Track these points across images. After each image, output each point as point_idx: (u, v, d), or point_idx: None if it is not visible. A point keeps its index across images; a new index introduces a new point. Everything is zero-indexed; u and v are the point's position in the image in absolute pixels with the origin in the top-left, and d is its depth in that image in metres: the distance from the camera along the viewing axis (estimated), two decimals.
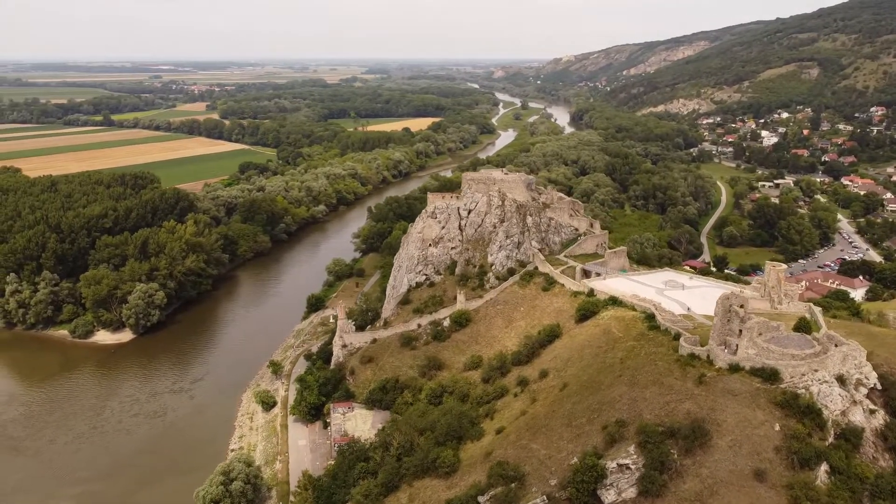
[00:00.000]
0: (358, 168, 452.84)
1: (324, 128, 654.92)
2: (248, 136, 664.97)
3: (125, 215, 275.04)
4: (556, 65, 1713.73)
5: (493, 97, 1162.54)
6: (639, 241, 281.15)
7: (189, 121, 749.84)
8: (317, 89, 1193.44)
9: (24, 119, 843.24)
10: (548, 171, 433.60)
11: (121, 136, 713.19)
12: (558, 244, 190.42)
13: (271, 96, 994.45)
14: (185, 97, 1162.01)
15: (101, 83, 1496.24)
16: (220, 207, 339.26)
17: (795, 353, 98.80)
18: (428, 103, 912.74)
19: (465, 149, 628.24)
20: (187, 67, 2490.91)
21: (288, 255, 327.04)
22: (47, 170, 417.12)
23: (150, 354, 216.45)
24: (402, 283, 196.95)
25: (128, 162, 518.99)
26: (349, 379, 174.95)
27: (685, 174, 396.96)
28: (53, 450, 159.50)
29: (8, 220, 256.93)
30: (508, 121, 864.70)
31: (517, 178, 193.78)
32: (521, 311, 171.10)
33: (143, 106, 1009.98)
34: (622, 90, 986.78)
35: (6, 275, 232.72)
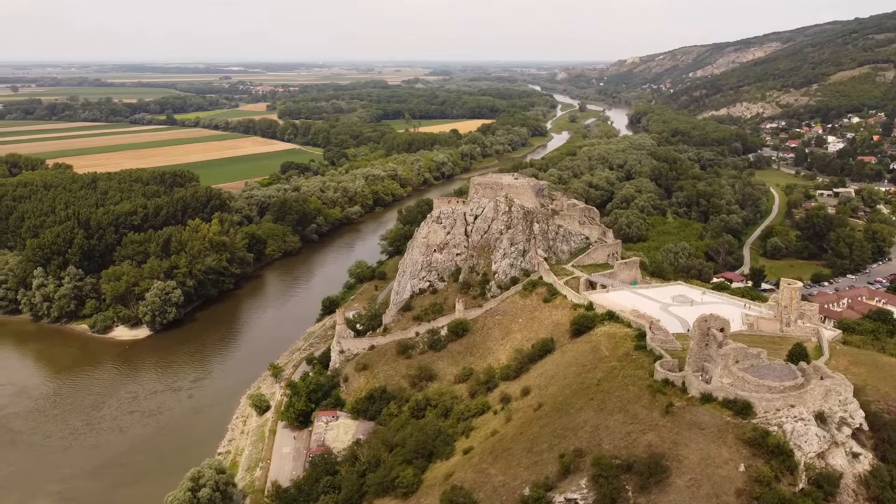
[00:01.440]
0: (398, 169, 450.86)
1: (373, 129, 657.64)
2: (300, 136, 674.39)
3: (154, 213, 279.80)
4: (619, 67, 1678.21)
5: (552, 99, 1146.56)
6: (673, 251, 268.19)
7: (245, 120, 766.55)
8: (376, 90, 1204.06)
9: (95, 117, 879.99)
10: (591, 174, 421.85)
11: (180, 134, 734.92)
12: (567, 253, 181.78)
13: (329, 97, 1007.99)
14: (249, 98, 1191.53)
15: (172, 84, 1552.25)
16: (252, 207, 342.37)
17: (772, 384, 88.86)
18: (483, 105, 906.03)
19: (513, 151, 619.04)
20: (257, 69, 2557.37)
21: (317, 255, 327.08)
22: (102, 166, 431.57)
23: (163, 352, 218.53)
24: (406, 289, 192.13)
25: (181, 160, 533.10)
26: (342, 386, 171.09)
27: (733, 181, 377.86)
28: (47, 445, 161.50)
29: (42, 215, 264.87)
30: (563, 123, 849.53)
31: (525, 184, 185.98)
32: (519, 323, 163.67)
33: (206, 106, 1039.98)
34: (684, 93, 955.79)
35: (34, 268, 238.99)
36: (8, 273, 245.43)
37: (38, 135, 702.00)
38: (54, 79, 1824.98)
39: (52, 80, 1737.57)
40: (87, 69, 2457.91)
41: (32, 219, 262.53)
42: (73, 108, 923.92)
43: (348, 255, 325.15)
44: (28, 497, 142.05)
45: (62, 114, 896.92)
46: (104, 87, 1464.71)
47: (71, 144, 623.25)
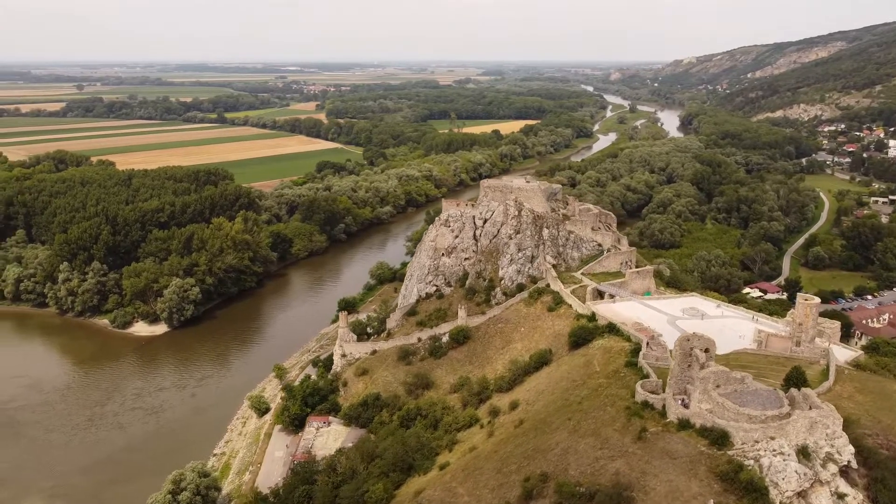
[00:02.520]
0: (434, 170, 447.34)
1: (414, 128, 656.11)
2: (343, 136, 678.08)
3: (181, 210, 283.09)
4: (675, 67, 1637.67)
5: (602, 100, 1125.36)
6: (705, 259, 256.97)
7: (292, 119, 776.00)
8: (425, 90, 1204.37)
9: (150, 115, 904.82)
10: (630, 177, 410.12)
11: (228, 133, 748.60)
12: (577, 260, 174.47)
13: (377, 97, 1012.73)
14: (301, 97, 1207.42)
15: (228, 83, 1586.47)
16: (282, 206, 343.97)
17: (752, 413, 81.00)
18: (529, 105, 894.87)
19: (555, 153, 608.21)
20: (313, 69, 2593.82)
21: (343, 255, 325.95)
22: (146, 163, 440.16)
23: (177, 349, 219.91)
24: (412, 293, 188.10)
25: (224, 158, 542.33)
26: (341, 390, 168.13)
27: (778, 186, 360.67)
28: (47, 440, 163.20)
29: (73, 211, 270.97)
30: (611, 124, 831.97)
31: (535, 187, 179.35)
32: (521, 332, 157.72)
33: (258, 105, 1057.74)
34: (739, 94, 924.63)
35: (61, 263, 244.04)
36: (37, 267, 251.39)
37: (92, 132, 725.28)
38: (118, 78, 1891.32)
39: (117, 80, 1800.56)
40: (150, 69, 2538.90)
41: (63, 214, 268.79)
42: (131, 106, 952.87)
43: (375, 255, 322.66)
44: (20, 493, 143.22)
45: (119, 112, 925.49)
46: (163, 87, 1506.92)
47: (122, 142, 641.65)
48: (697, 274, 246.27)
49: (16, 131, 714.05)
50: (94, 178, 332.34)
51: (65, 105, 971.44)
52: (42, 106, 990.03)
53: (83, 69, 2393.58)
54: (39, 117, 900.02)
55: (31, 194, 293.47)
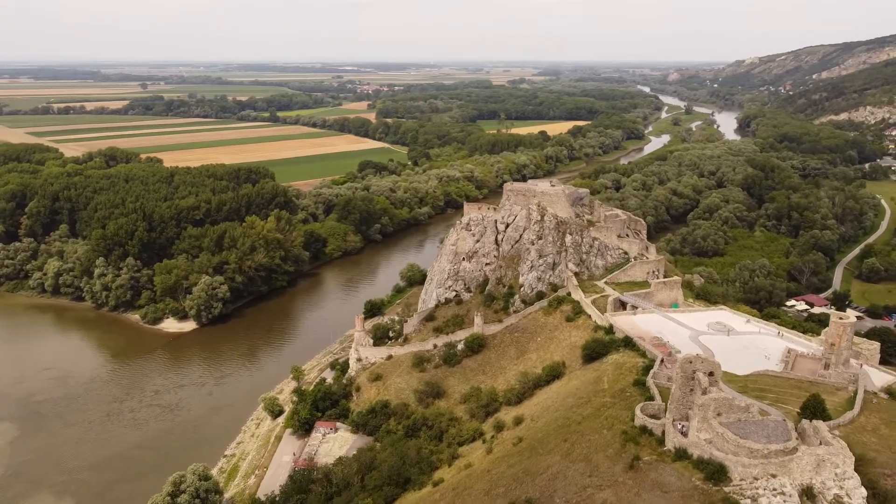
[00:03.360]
0: (476, 170, 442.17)
1: (461, 129, 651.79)
2: (390, 135, 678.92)
3: (217, 208, 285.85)
4: (737, 67, 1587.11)
5: (657, 101, 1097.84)
6: (749, 268, 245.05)
7: (341, 119, 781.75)
8: (477, 90, 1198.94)
9: (207, 114, 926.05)
10: (677, 181, 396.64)
11: (279, 131, 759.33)
12: (601, 268, 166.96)
13: (427, 97, 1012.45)
14: (353, 97, 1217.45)
15: (286, 82, 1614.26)
16: (319, 205, 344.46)
17: (754, 446, 73.60)
18: (581, 106, 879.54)
19: (604, 154, 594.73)
20: (369, 68, 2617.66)
21: (378, 256, 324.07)
22: (194, 161, 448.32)
23: (203, 346, 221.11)
24: (431, 298, 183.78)
25: (272, 156, 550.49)
26: (354, 396, 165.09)
27: (834, 192, 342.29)
28: (65, 435, 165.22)
29: (112, 207, 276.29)
30: (665, 126, 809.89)
31: (560, 192, 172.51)
32: (537, 342, 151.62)
33: (311, 104, 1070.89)
34: (802, 95, 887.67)
35: (97, 258, 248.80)
36: (75, 261, 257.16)
37: (149, 129, 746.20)
38: (181, 77, 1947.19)
39: (179, 79, 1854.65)
40: (213, 68, 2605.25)
41: (103, 210, 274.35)
42: (188, 104, 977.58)
43: (410, 256, 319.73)
44: (32, 488, 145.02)
45: (178, 110, 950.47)
46: (223, 85, 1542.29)
47: (174, 139, 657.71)
48: (739, 284, 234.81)
49: (77, 128, 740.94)
50: (139, 174, 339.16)
51: (127, 103, 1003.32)
52: (106, 104, 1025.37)
53: (150, 69, 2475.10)
54: (103, 115, 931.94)
55: (76, 190, 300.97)
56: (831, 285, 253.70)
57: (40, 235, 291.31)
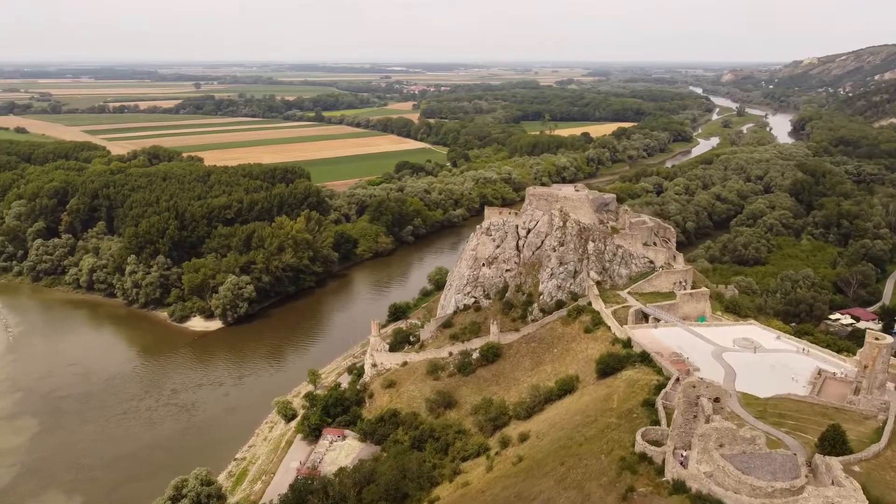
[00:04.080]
0: (514, 172, 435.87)
1: (502, 129, 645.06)
2: (432, 136, 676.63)
3: (249, 208, 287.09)
4: (793, 68, 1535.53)
5: (708, 102, 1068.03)
6: (792, 279, 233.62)
7: (384, 119, 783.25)
8: (523, 91, 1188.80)
9: (254, 113, 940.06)
10: (722, 185, 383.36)
11: (323, 131, 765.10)
12: (625, 277, 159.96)
13: (472, 97, 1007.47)
14: (399, 97, 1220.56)
15: (334, 82, 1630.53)
16: (351, 206, 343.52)
17: (757, 484, 67.07)
18: (628, 107, 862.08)
19: (648, 157, 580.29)
20: (418, 69, 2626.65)
21: (408, 258, 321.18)
22: (238, 160, 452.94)
23: (226, 346, 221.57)
24: (450, 304, 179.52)
25: (312, 156, 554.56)
26: (366, 402, 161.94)
27: (889, 200, 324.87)
28: (81, 432, 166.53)
29: (147, 205, 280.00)
30: (715, 128, 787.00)
31: (583, 197, 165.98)
32: (553, 354, 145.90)
33: (357, 104, 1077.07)
34: (861, 97, 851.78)
35: (129, 255, 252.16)
36: (109, 258, 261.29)
37: (196, 128, 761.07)
38: (234, 77, 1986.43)
39: (232, 79, 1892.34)
40: (265, 68, 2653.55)
41: (137, 208, 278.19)
42: (237, 104, 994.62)
43: (441, 259, 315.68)
44: (43, 485, 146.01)
45: (227, 109, 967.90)
46: (273, 85, 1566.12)
47: (219, 138, 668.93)
48: (780, 295, 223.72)
49: (129, 127, 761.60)
50: (178, 173, 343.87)
51: (179, 102, 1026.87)
52: (159, 103, 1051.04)
53: (205, 69, 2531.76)
54: (155, 114, 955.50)
55: (114, 188, 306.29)
56: (881, 298, 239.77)
57: (80, 232, 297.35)
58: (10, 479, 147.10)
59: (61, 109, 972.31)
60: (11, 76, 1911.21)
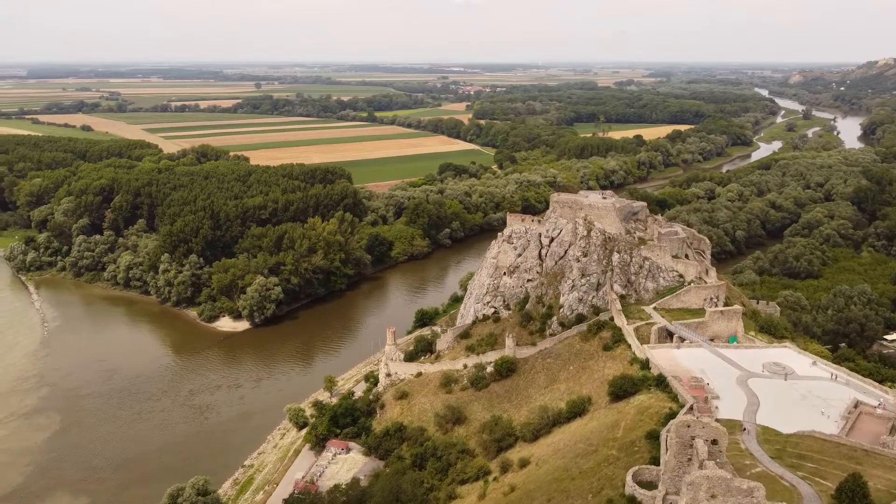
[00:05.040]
0: (559, 175, 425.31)
1: (552, 131, 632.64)
2: (482, 137, 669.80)
3: (284, 208, 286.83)
4: (868, 69, 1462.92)
5: (773, 105, 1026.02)
6: (846, 294, 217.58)
7: (435, 119, 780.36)
8: (579, 92, 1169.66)
9: (308, 113, 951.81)
10: (778, 192, 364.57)
11: (373, 131, 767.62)
12: (651, 292, 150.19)
13: (526, 98, 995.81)
14: (454, 97, 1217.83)
15: (391, 83, 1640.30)
16: (389, 207, 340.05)
17: None
18: (686, 109, 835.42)
19: (704, 161, 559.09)
20: (476, 69, 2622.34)
21: (444, 262, 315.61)
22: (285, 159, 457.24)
23: (251, 347, 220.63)
24: (469, 313, 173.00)
25: (361, 156, 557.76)
26: (378, 413, 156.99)
27: None
28: (95, 431, 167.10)
29: (184, 204, 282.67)
30: (778, 132, 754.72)
31: (609, 205, 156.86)
32: (569, 371, 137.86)
33: (411, 104, 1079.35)
34: None
35: (163, 254, 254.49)
36: (145, 256, 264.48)
37: (249, 127, 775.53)
38: (294, 77, 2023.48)
39: (292, 79, 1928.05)
40: (326, 69, 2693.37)
41: (175, 207, 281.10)
42: (293, 104, 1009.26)
43: (476, 264, 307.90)
44: (52, 485, 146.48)
45: (283, 109, 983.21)
46: (331, 85, 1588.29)
47: (269, 137, 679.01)
48: (832, 312, 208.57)
49: (187, 125, 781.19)
50: (220, 172, 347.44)
51: (238, 102, 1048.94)
52: (219, 102, 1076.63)
53: (268, 69, 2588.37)
54: (214, 113, 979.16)
55: (156, 186, 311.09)
56: None
57: (122, 229, 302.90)
58: (22, 479, 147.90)
59: (126, 108, 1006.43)
60: (86, 76, 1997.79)
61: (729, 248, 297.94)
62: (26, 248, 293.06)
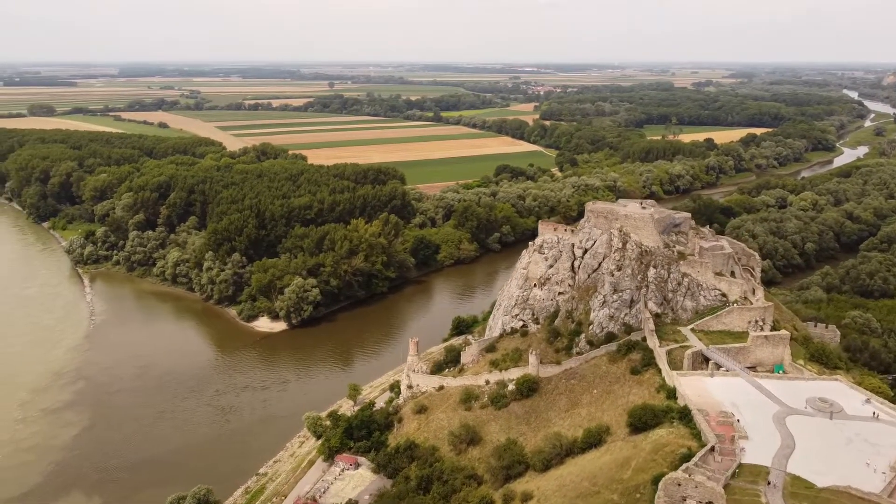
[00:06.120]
0: (620, 180, 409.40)
1: (617, 133, 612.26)
2: (546, 138, 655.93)
3: (330, 208, 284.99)
4: None
5: (861, 108, 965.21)
6: None
7: (499, 120, 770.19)
8: (654, 93, 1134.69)
9: (376, 112, 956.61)
10: (857, 202, 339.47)
11: (437, 131, 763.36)
12: (690, 311, 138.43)
13: (595, 99, 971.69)
14: (524, 98, 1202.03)
15: (462, 83, 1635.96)
16: (439, 210, 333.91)
17: None
18: (765, 112, 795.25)
19: (780, 167, 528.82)
20: (549, 69, 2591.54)
21: (491, 267, 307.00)
22: (343, 158, 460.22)
23: (285, 349, 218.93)
24: (497, 326, 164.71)
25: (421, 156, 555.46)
26: (395, 426, 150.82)
27: None
28: (118, 430, 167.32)
29: (232, 202, 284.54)
30: (865, 136, 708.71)
31: (647, 216, 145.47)
32: (592, 395, 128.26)
33: (478, 104, 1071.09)
34: None
35: (207, 252, 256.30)
36: (192, 253, 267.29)
37: (316, 126, 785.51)
38: (367, 76, 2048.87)
39: (365, 78, 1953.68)
40: (399, 68, 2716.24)
41: (224, 205, 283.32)
42: (361, 103, 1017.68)
43: None
44: (69, 483, 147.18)
45: (351, 108, 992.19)
46: (403, 85, 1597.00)
47: (333, 136, 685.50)
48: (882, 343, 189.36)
49: (256, 123, 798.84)
50: (275, 171, 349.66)
51: (309, 101, 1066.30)
52: (291, 101, 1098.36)
53: (343, 68, 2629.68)
54: (285, 111, 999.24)
55: (210, 184, 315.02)
56: None
57: (175, 226, 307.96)
58: (42, 478, 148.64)
59: (202, 106, 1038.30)
60: (171, 75, 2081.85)
61: (796, 261, 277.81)
62: (84, 241, 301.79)
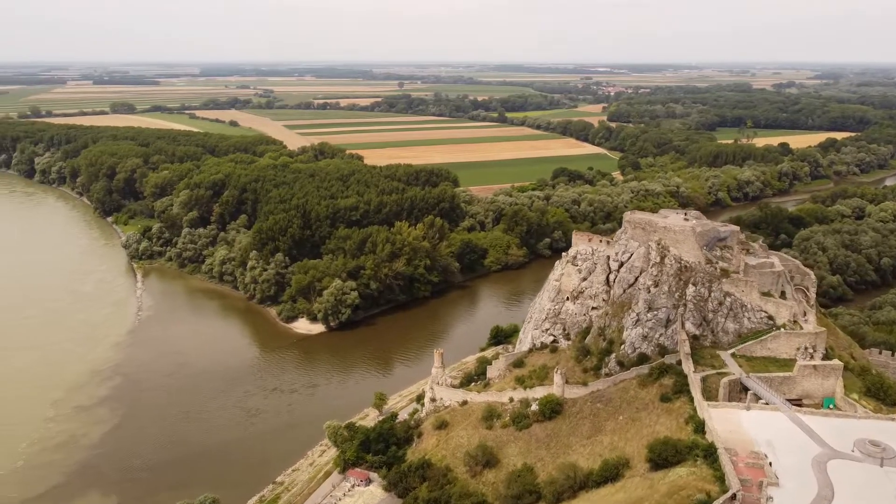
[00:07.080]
0: (683, 185, 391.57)
1: (685, 136, 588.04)
2: (610, 140, 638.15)
3: (376, 210, 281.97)
4: None
5: None
6: None
7: (564, 122, 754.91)
8: (730, 94, 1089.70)
9: (441, 112, 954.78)
10: None
11: (501, 132, 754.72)
12: (732, 334, 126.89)
13: (667, 100, 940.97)
14: (593, 98, 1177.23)
15: (531, 83, 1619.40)
16: (489, 213, 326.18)
17: None
18: (849, 115, 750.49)
19: (862, 174, 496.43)
20: (623, 69, 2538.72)
21: (540, 273, 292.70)
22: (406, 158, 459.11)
23: (323, 352, 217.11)
24: (527, 340, 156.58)
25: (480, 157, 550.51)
26: (416, 441, 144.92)
27: None
28: (145, 429, 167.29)
29: (280, 201, 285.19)
30: None
31: (688, 228, 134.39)
32: (617, 422, 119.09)
33: (545, 105, 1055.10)
34: None
35: (252, 251, 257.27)
36: (238, 252, 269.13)
37: (380, 125, 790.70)
38: (437, 77, 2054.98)
39: (434, 78, 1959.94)
40: (470, 68, 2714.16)
41: (272, 204, 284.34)
42: (427, 103, 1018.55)
43: None
44: (89, 483, 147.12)
45: (416, 108, 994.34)
46: (471, 85, 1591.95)
47: (395, 136, 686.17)
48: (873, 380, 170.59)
49: (323, 122, 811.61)
50: (325, 171, 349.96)
51: (377, 101, 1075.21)
52: (359, 101, 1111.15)
53: (414, 69, 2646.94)
54: (353, 111, 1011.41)
55: (261, 183, 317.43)
56: None
57: (227, 224, 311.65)
58: (64, 478, 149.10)
59: (273, 105, 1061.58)
60: (248, 74, 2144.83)
61: (871, 277, 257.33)
62: (141, 237, 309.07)
